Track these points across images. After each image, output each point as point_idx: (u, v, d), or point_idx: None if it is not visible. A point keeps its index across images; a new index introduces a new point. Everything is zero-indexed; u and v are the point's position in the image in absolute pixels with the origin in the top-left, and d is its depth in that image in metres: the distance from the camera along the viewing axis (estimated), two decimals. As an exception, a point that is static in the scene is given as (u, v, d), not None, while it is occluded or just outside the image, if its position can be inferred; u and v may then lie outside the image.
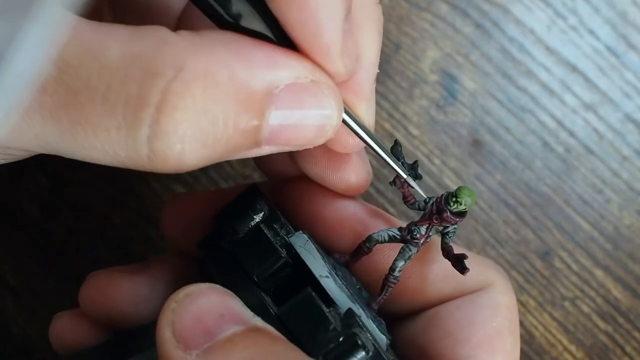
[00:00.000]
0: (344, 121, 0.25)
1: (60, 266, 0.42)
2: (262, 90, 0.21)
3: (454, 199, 0.26)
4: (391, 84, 0.43)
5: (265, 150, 0.23)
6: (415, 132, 0.43)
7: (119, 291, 0.30)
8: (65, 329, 0.31)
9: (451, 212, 0.26)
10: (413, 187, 0.27)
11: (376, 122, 0.42)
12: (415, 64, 0.43)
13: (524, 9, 0.43)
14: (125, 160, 0.21)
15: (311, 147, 0.23)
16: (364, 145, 0.26)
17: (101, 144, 0.20)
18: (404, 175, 0.27)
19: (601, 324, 0.41)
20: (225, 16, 0.22)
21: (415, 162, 0.27)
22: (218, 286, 0.23)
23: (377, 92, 0.27)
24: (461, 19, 0.43)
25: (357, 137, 0.26)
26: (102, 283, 0.31)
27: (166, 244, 0.43)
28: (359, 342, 0.23)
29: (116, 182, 0.43)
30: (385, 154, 0.26)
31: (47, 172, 0.43)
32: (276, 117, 0.22)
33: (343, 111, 0.24)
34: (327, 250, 0.29)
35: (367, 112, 0.26)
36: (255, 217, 0.27)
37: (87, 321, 0.31)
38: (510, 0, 0.43)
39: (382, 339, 0.25)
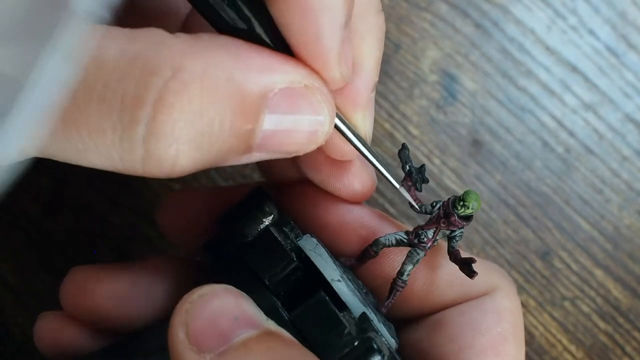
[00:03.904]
0: (337, 127, 0.25)
1: (60, 266, 0.42)
2: (257, 94, 0.21)
3: (461, 203, 0.26)
4: (391, 84, 0.43)
5: (255, 157, 0.23)
6: (415, 132, 0.43)
7: (100, 288, 0.29)
8: (49, 329, 0.30)
9: (459, 216, 0.26)
10: (407, 198, 0.27)
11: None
12: (415, 64, 0.43)
13: (524, 9, 0.43)
14: (119, 162, 0.21)
15: (301, 154, 0.23)
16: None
17: (95, 145, 0.20)
18: (397, 185, 0.27)
19: (601, 324, 0.42)
20: (225, 17, 0.22)
21: (423, 165, 0.27)
22: (232, 287, 0.23)
23: (377, 92, 0.27)
24: (461, 19, 0.43)
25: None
26: (83, 278, 0.30)
27: (166, 243, 0.42)
28: (375, 346, 0.23)
29: (116, 182, 0.43)
30: (379, 163, 0.26)
31: (47, 172, 0.42)
32: (269, 122, 0.22)
33: (335, 118, 0.24)
34: (332, 253, 0.29)
35: (363, 120, 0.26)
36: (264, 220, 0.27)
37: (72, 322, 0.30)
38: (510, 0, 0.43)
39: (393, 343, 0.25)
